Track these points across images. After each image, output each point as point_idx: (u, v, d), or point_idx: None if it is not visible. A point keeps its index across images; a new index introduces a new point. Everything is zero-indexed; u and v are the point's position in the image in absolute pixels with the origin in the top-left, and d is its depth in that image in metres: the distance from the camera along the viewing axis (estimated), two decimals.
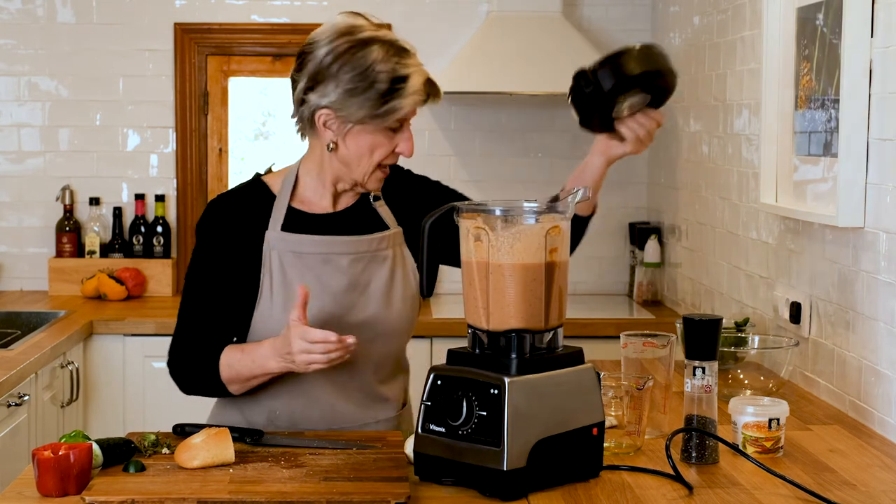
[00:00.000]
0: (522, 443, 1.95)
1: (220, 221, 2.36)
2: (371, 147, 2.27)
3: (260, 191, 2.38)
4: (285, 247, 2.33)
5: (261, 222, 2.34)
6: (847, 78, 2.63)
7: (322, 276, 2.32)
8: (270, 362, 2.24)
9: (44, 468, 1.96)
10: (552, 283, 2.03)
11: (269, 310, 2.32)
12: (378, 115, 2.23)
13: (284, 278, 2.32)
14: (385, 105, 2.22)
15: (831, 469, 2.20)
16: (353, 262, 2.34)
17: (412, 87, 2.23)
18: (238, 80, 4.81)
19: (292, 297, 2.26)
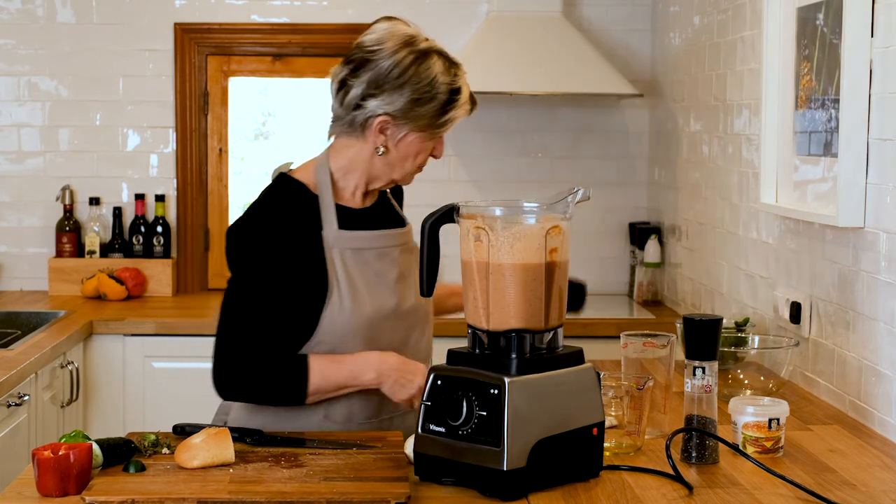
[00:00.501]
0: (522, 443, 1.95)
1: (269, 225, 2.36)
2: (418, 151, 2.41)
3: (298, 191, 2.41)
4: (345, 244, 2.40)
5: (311, 221, 2.38)
6: (847, 78, 2.63)
7: (380, 269, 2.43)
8: (368, 375, 2.34)
9: (44, 468, 1.96)
10: (552, 283, 2.03)
11: (339, 308, 2.36)
12: (438, 125, 2.39)
13: (348, 276, 2.38)
14: (444, 115, 2.38)
15: (831, 469, 2.20)
16: (402, 252, 2.47)
17: (463, 99, 2.40)
18: (238, 80, 4.81)
19: (358, 293, 2.37)
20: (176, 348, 4.13)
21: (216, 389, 2.36)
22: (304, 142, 4.89)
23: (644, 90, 4.72)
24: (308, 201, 2.39)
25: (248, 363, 2.32)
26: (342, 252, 2.38)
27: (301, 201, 2.39)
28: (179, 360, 4.12)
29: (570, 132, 4.85)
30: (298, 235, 2.36)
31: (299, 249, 2.35)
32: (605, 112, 4.85)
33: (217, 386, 2.35)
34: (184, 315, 4.28)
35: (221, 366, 2.33)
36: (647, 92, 4.75)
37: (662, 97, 4.61)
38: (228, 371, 2.33)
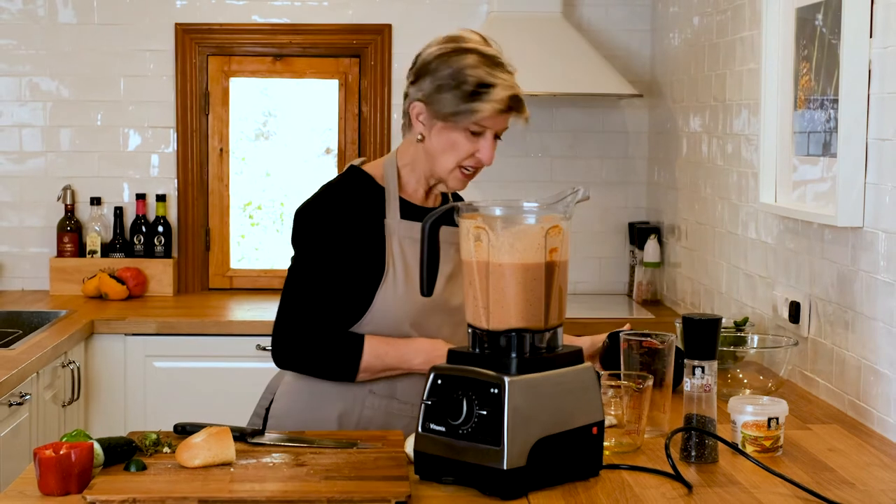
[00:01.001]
0: (522, 442, 1.96)
1: (336, 208, 2.48)
2: (452, 145, 2.43)
3: (366, 181, 2.53)
4: (405, 233, 2.48)
5: (376, 210, 2.49)
6: (846, 78, 2.64)
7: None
8: (417, 359, 2.45)
9: (45, 467, 1.96)
10: (552, 283, 2.04)
11: (393, 291, 2.45)
12: (459, 113, 2.40)
13: (405, 262, 2.46)
14: (466, 105, 2.39)
15: (830, 468, 2.21)
16: (454, 249, 2.49)
17: (495, 96, 2.39)
18: (239, 80, 4.81)
19: (412, 280, 2.44)
20: (177, 348, 4.13)
21: (274, 358, 2.49)
22: (305, 142, 4.89)
23: (644, 90, 4.72)
24: (374, 191, 2.51)
25: (305, 336, 2.45)
26: (401, 240, 2.47)
27: (367, 190, 2.51)
28: (180, 360, 4.13)
29: (570, 132, 4.85)
30: (361, 219, 2.47)
31: (361, 232, 2.47)
32: (605, 112, 4.85)
33: (275, 355, 2.48)
34: (185, 315, 4.29)
35: (280, 336, 2.46)
36: (646, 92, 4.76)
37: (662, 97, 4.61)
38: (286, 341, 2.46)
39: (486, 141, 2.43)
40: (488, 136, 2.43)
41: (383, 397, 2.50)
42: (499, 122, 2.44)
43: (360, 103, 4.77)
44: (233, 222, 4.84)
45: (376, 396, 2.49)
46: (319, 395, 2.51)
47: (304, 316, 2.45)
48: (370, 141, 4.76)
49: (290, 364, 2.49)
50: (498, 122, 2.44)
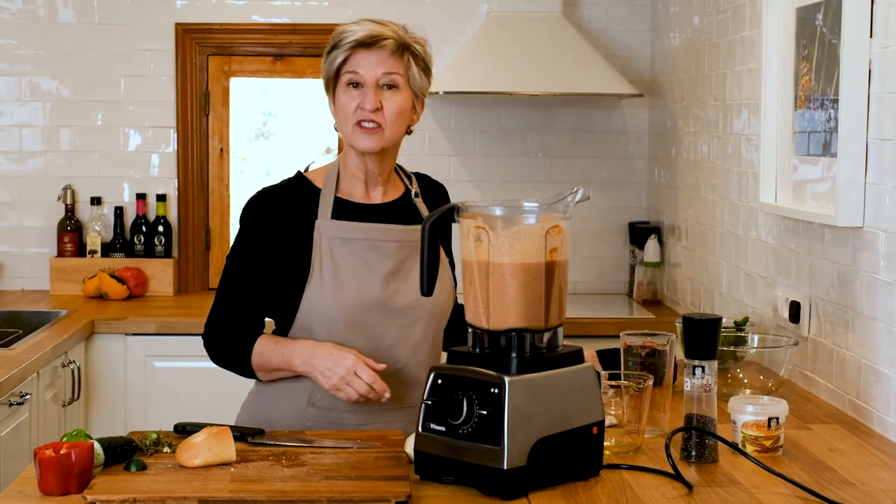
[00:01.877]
0: (522, 442, 1.96)
1: (267, 210, 2.49)
2: (341, 108, 2.46)
3: (303, 185, 2.53)
4: (335, 233, 2.46)
5: (308, 212, 2.48)
6: (846, 78, 2.64)
7: (369, 260, 2.46)
8: (297, 360, 2.41)
9: (45, 467, 1.96)
10: (552, 283, 2.04)
11: (319, 291, 2.43)
12: (328, 72, 2.49)
13: (334, 262, 2.45)
14: (328, 59, 2.49)
15: (830, 468, 2.21)
16: (398, 249, 2.48)
17: (347, 38, 2.45)
18: (239, 80, 4.81)
19: (343, 279, 2.43)
20: (177, 348, 4.13)
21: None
22: (305, 142, 4.89)
23: (644, 90, 4.72)
24: (310, 193, 2.50)
25: (218, 330, 2.49)
26: (331, 240, 2.45)
27: (303, 192, 2.50)
28: (180, 360, 4.13)
29: (570, 132, 4.85)
30: (288, 222, 2.46)
31: (289, 234, 2.46)
32: (605, 112, 4.85)
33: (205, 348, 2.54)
34: (185, 314, 4.29)
35: (205, 328, 2.52)
36: (646, 92, 4.76)
37: (662, 97, 4.61)
38: (206, 334, 2.51)
39: (366, 88, 2.43)
40: (368, 83, 2.43)
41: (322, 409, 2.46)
42: (370, 65, 2.43)
43: None
44: (233, 222, 4.84)
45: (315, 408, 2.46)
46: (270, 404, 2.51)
47: (221, 311, 2.49)
48: None
49: (212, 357, 2.53)
50: (369, 66, 2.43)
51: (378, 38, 2.44)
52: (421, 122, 4.90)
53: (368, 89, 2.44)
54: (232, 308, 2.48)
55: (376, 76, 2.43)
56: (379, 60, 2.44)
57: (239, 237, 2.51)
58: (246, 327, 2.48)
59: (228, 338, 2.49)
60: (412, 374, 2.49)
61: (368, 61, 2.44)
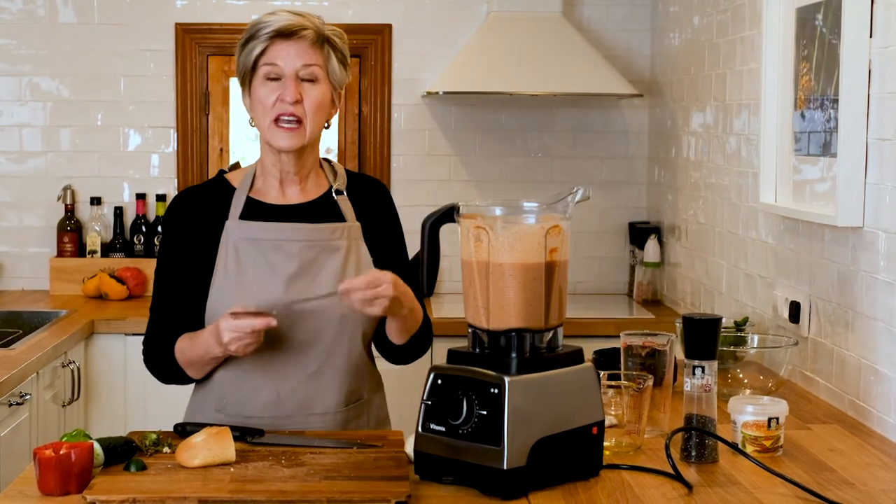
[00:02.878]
0: (522, 442, 1.96)
1: (182, 214, 2.47)
2: (259, 101, 2.40)
3: (221, 186, 2.49)
4: (240, 234, 2.42)
5: (222, 213, 2.44)
6: (846, 78, 2.64)
7: (273, 261, 2.40)
8: (212, 347, 2.32)
9: (45, 467, 1.96)
10: (552, 283, 2.04)
11: (223, 292, 2.39)
12: (244, 64, 2.44)
13: (238, 263, 2.40)
14: (244, 51, 2.43)
15: (830, 468, 2.21)
16: (304, 248, 2.41)
17: (264, 29, 2.39)
18: None
19: (245, 281, 2.38)
20: None
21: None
22: None
23: (644, 90, 4.72)
24: (226, 195, 2.46)
25: (151, 344, 2.46)
26: (237, 241, 2.41)
27: (217, 194, 2.47)
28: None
29: (570, 132, 4.85)
30: (202, 225, 2.44)
31: (199, 238, 2.43)
32: (605, 112, 4.85)
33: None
34: None
35: (143, 347, 2.49)
36: (646, 92, 4.76)
37: (662, 97, 4.61)
38: (143, 352, 2.48)
39: (285, 80, 2.37)
40: (287, 74, 2.37)
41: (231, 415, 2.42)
42: (289, 56, 2.37)
43: (360, 103, 4.77)
44: None
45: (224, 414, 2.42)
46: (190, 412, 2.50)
47: (153, 328, 2.46)
48: (370, 141, 4.76)
49: (158, 376, 2.47)
50: (288, 57, 2.37)
51: (297, 29, 2.38)
52: (421, 122, 4.94)
53: (288, 81, 2.37)
54: (160, 320, 2.44)
55: (296, 68, 2.38)
56: (298, 52, 2.38)
57: (160, 244, 2.50)
58: (174, 337, 2.42)
59: (161, 352, 2.43)
60: (326, 379, 2.41)
61: (287, 52, 2.38)
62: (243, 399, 2.42)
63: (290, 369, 2.40)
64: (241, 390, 2.42)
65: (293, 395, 2.41)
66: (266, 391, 2.41)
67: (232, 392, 2.43)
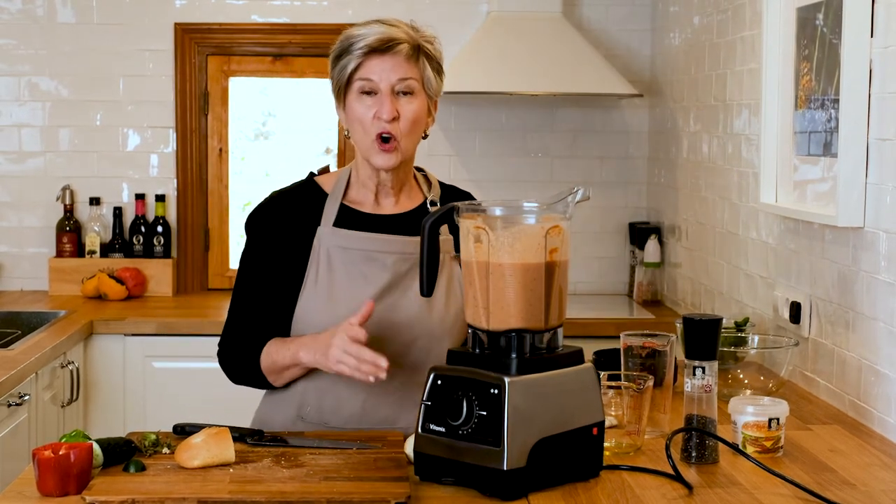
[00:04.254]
0: (522, 442, 1.96)
1: (272, 217, 2.43)
2: (356, 117, 2.35)
3: (312, 190, 2.46)
4: (334, 242, 2.39)
5: (313, 219, 2.41)
6: (847, 78, 2.63)
7: (366, 272, 2.37)
8: (302, 352, 2.30)
9: (44, 468, 1.96)
10: (552, 283, 2.03)
11: (313, 299, 2.37)
12: (338, 78, 2.36)
13: (330, 271, 2.38)
14: (339, 66, 2.35)
15: (831, 469, 2.21)
16: (398, 261, 2.38)
17: (358, 44, 2.33)
18: (238, 80, 4.81)
19: (336, 289, 2.36)
20: (176, 348, 4.13)
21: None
22: (305, 142, 4.89)
23: (644, 90, 4.72)
24: (317, 200, 2.43)
25: (230, 345, 2.44)
26: (329, 249, 2.38)
27: (308, 199, 2.43)
28: (180, 360, 4.13)
29: (570, 132, 4.85)
30: (292, 230, 2.40)
31: (289, 243, 2.40)
32: (605, 112, 4.85)
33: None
34: (184, 315, 4.29)
35: (219, 345, 2.46)
36: (646, 92, 4.75)
37: (662, 97, 4.61)
38: (220, 352, 2.46)
39: (381, 96, 2.32)
40: (383, 90, 2.32)
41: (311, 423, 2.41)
42: (383, 71, 2.32)
43: None
44: (232, 222, 4.84)
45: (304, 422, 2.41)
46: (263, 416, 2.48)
47: (233, 330, 2.43)
48: None
49: (232, 376, 2.46)
50: (383, 71, 2.32)
51: (392, 43, 2.32)
52: None
53: (384, 97, 2.32)
54: (242, 323, 2.42)
55: (391, 83, 2.33)
56: (394, 66, 2.33)
57: (245, 247, 2.45)
58: (257, 340, 2.40)
59: (240, 354, 2.41)
60: (410, 393, 2.38)
61: (382, 67, 2.32)
62: (326, 409, 2.40)
63: (376, 384, 2.33)
64: (325, 400, 2.40)
65: (377, 410, 2.39)
66: (350, 403, 2.39)
67: (315, 400, 2.40)
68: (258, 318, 2.41)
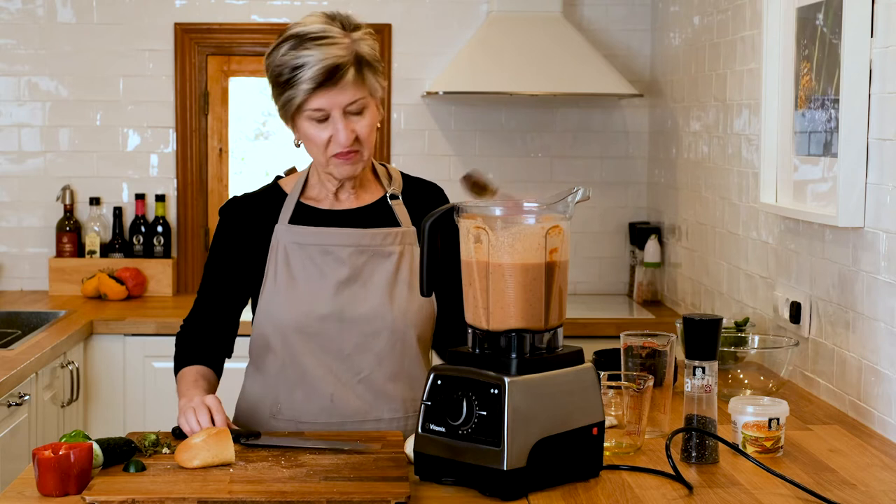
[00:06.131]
0: (522, 442, 1.96)
1: (235, 216, 2.47)
2: (308, 138, 2.34)
3: (275, 191, 2.50)
4: (290, 238, 2.41)
5: (272, 218, 2.45)
6: (847, 78, 2.63)
7: (323, 266, 2.40)
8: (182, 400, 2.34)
9: (44, 468, 1.96)
10: (552, 283, 2.03)
11: (273, 296, 2.40)
12: (285, 107, 2.32)
13: (288, 267, 2.40)
14: (284, 96, 2.31)
15: (831, 469, 2.20)
16: (354, 254, 2.40)
17: (304, 76, 2.26)
18: (238, 80, 4.81)
19: (295, 287, 2.38)
20: None
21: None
22: None
23: (644, 90, 4.72)
24: (278, 199, 2.47)
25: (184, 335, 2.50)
26: (287, 245, 2.41)
27: (270, 200, 2.47)
28: None
29: (570, 132, 4.85)
30: (253, 229, 2.44)
31: (249, 241, 2.44)
32: (605, 112, 4.85)
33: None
34: (184, 315, 4.23)
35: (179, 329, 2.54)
36: (646, 92, 4.75)
37: (662, 97, 4.61)
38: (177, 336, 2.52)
39: (335, 122, 2.29)
40: (334, 115, 2.29)
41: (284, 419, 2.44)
42: (330, 98, 2.27)
43: None
44: None
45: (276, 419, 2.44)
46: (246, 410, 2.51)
47: (191, 319, 2.50)
48: None
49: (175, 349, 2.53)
50: (331, 99, 2.27)
51: (336, 72, 2.26)
52: (421, 122, 4.93)
53: (338, 123, 2.29)
54: (201, 312, 2.49)
55: (342, 107, 2.29)
56: (341, 91, 2.28)
57: (212, 242, 2.51)
58: (211, 333, 2.47)
59: (190, 340, 2.48)
60: (377, 386, 2.40)
61: (330, 96, 2.28)
62: (297, 405, 2.42)
63: (341, 375, 2.39)
64: (295, 396, 2.42)
65: (346, 402, 2.40)
66: (318, 397, 2.40)
67: (286, 397, 2.42)
68: (214, 311, 2.47)
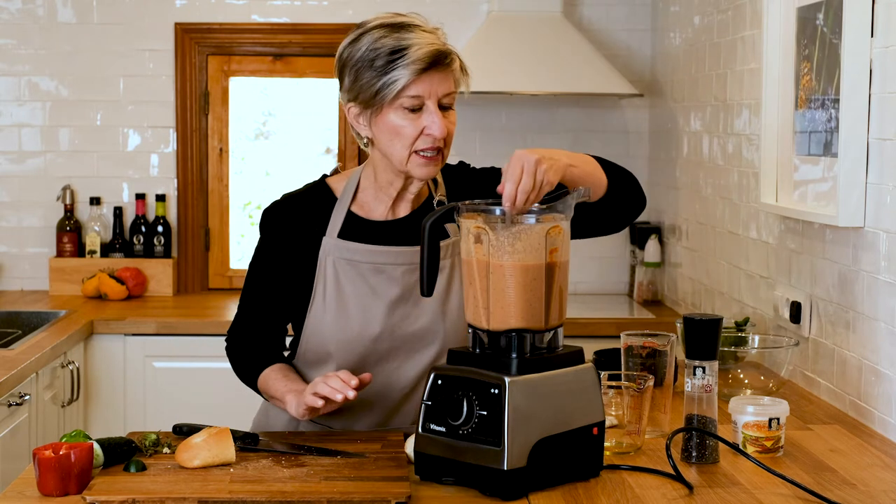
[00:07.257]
0: (523, 442, 1.96)
1: (281, 221, 2.36)
2: (395, 130, 2.21)
3: (323, 193, 2.37)
4: (340, 254, 2.32)
5: (320, 225, 2.34)
6: (847, 78, 2.63)
7: (375, 285, 2.31)
8: (289, 397, 2.27)
9: (45, 468, 1.96)
10: (552, 283, 2.03)
11: (322, 315, 2.33)
12: (382, 90, 2.18)
13: (338, 285, 2.32)
14: (385, 77, 2.18)
15: (831, 469, 2.20)
16: (407, 272, 2.31)
17: (411, 56, 2.17)
18: (238, 79, 4.81)
19: (345, 305, 2.31)
20: (176, 348, 4.13)
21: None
22: (305, 141, 4.89)
23: (644, 90, 4.72)
24: (327, 205, 2.36)
25: (236, 343, 2.45)
26: (336, 262, 2.32)
27: (318, 204, 2.36)
28: (180, 360, 4.13)
29: (570, 132, 4.85)
30: (300, 236, 2.34)
31: (296, 250, 2.34)
32: (605, 112, 4.85)
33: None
34: (184, 315, 4.28)
35: (226, 338, 2.48)
36: (647, 92, 4.75)
37: (662, 97, 4.61)
38: (227, 347, 2.47)
39: (429, 113, 2.19)
40: (430, 105, 2.19)
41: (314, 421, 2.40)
42: (431, 85, 2.18)
43: None
44: (232, 222, 4.84)
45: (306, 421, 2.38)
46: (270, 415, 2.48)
47: (240, 325, 2.44)
48: None
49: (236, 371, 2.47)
50: (431, 86, 2.18)
51: (443, 57, 2.18)
52: None
53: (433, 114, 2.19)
54: (249, 321, 2.42)
55: (438, 97, 2.20)
56: (442, 80, 2.20)
57: (256, 246, 2.40)
58: (262, 340, 2.41)
59: (245, 351, 2.43)
60: (418, 397, 2.32)
61: (432, 83, 2.18)
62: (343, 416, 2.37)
63: (394, 390, 2.34)
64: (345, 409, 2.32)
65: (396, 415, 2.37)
66: (372, 412, 2.37)
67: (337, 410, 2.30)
68: (265, 321, 2.41)
